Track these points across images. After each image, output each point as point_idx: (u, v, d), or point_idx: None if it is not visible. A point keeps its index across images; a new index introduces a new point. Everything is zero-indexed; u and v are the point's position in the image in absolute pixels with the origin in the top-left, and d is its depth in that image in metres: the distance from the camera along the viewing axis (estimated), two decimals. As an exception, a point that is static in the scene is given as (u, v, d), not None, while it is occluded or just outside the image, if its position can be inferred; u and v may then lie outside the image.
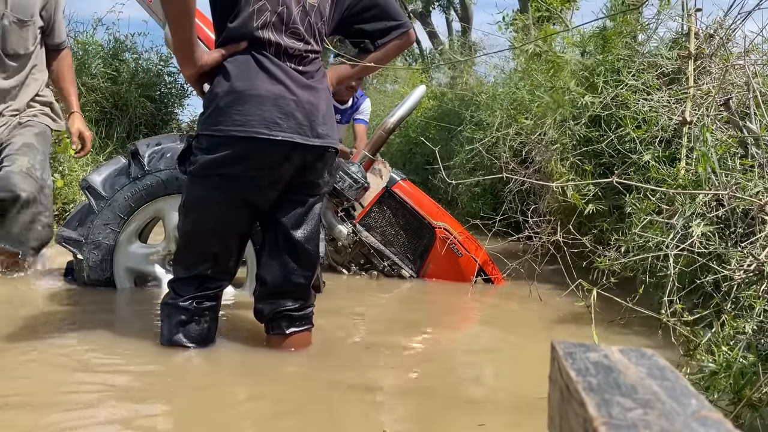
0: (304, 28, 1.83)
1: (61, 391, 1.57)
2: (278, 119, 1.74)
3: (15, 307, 2.35)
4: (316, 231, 1.94)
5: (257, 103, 1.73)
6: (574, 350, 0.62)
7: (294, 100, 1.77)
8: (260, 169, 1.78)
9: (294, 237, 1.89)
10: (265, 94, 1.74)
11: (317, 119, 1.82)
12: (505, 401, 1.68)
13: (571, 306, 2.71)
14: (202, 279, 1.87)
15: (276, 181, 1.82)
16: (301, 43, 1.82)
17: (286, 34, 1.80)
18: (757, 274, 1.84)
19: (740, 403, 1.45)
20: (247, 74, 1.75)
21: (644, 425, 0.45)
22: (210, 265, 1.86)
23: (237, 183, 1.79)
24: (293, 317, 1.93)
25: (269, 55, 1.78)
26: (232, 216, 1.83)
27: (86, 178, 2.70)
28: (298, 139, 1.77)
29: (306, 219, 1.91)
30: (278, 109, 1.74)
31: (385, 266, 3.37)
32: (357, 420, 1.53)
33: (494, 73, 5.94)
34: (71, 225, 2.68)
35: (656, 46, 3.35)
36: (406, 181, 3.49)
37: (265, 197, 1.85)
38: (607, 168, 3.14)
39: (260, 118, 1.72)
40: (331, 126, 1.88)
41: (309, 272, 1.94)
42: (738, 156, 2.26)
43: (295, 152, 1.79)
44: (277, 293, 1.92)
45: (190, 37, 1.71)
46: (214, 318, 1.93)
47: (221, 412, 1.51)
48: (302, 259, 1.91)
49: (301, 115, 1.78)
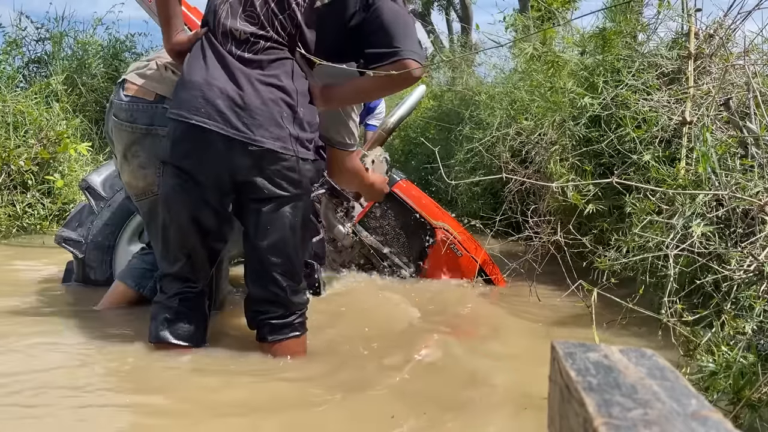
0: (263, 14, 1.80)
1: (57, 390, 1.57)
2: (199, 104, 1.73)
3: (15, 307, 2.35)
4: (284, 241, 1.83)
5: (189, 87, 1.77)
6: (574, 350, 0.62)
7: (220, 87, 1.74)
8: (188, 156, 1.76)
9: (259, 247, 1.83)
10: (197, 79, 1.76)
11: (245, 111, 1.72)
12: (505, 401, 1.68)
13: (571, 306, 2.71)
14: (183, 277, 1.87)
15: (209, 172, 1.76)
16: (255, 27, 1.79)
17: (240, 17, 1.80)
18: (757, 274, 1.84)
19: (740, 403, 1.45)
20: (192, 59, 1.81)
21: (644, 425, 0.45)
22: (185, 264, 1.86)
23: (183, 173, 1.78)
24: (274, 325, 1.88)
25: (214, 41, 1.80)
26: (191, 209, 1.81)
27: (86, 178, 2.70)
28: (211, 126, 1.71)
29: (268, 229, 1.81)
30: (202, 95, 1.74)
31: (384, 266, 3.37)
32: (358, 420, 1.53)
33: (494, 73, 5.95)
34: (71, 225, 2.68)
35: (656, 46, 3.35)
36: (406, 181, 3.49)
37: (210, 190, 1.79)
38: (607, 168, 3.13)
39: (186, 102, 1.75)
40: (266, 123, 1.74)
41: (285, 282, 1.86)
42: (738, 156, 2.26)
43: (216, 142, 1.72)
44: (256, 301, 1.90)
45: (167, 15, 1.85)
46: (202, 317, 1.91)
47: (217, 413, 1.51)
48: (273, 269, 1.84)
49: (223, 103, 1.72)
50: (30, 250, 3.96)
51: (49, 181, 4.65)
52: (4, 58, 6.17)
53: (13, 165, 4.49)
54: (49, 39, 6.79)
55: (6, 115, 4.74)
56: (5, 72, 5.96)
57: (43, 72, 6.68)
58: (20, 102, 4.93)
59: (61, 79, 6.02)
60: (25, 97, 5.18)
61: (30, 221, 4.48)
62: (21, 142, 4.69)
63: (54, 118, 5.02)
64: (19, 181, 4.57)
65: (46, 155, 4.64)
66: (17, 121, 4.76)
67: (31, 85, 5.98)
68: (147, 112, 1.99)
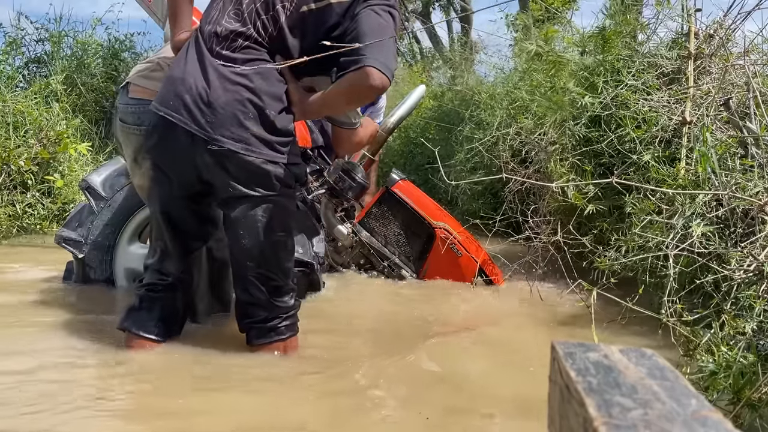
0: (247, 12, 1.81)
1: (57, 390, 1.57)
2: (170, 98, 1.76)
3: (15, 307, 2.35)
4: (257, 245, 1.80)
5: (167, 82, 1.81)
6: (574, 350, 0.61)
7: (190, 83, 1.75)
8: (158, 149, 1.81)
9: (233, 250, 1.84)
10: (175, 74, 1.81)
11: (209, 109, 1.71)
12: (505, 401, 1.68)
13: (571, 306, 2.71)
14: (156, 269, 1.90)
15: (176, 166, 1.78)
16: (237, 24, 1.80)
17: (228, 15, 1.82)
18: (757, 274, 1.84)
19: (740, 403, 1.44)
20: (178, 56, 1.86)
21: (644, 425, 0.45)
22: (159, 256, 1.89)
23: (156, 166, 1.83)
24: (259, 329, 1.88)
25: (200, 38, 1.83)
26: (163, 203, 1.85)
27: (86, 178, 2.70)
28: (175, 119, 1.72)
29: (240, 233, 1.79)
30: (174, 89, 1.77)
31: (384, 266, 3.37)
32: (358, 420, 1.53)
33: (494, 73, 5.95)
34: (71, 225, 2.68)
35: (656, 46, 3.35)
36: (406, 181, 3.49)
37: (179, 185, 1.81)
38: (607, 168, 3.13)
39: (161, 95, 1.79)
40: (229, 123, 1.71)
41: (263, 286, 1.83)
42: (738, 156, 2.26)
43: (181, 136, 1.73)
44: (241, 304, 1.90)
45: (174, 13, 1.91)
46: (173, 308, 1.91)
47: (213, 412, 1.51)
48: (249, 272, 1.83)
49: (190, 98, 1.73)
50: (30, 250, 3.96)
51: (49, 181, 4.65)
52: (3, 58, 6.16)
53: (13, 165, 4.49)
54: (49, 39, 6.78)
55: (6, 115, 4.73)
56: (5, 72, 5.95)
57: (43, 72, 6.68)
58: (20, 102, 4.93)
59: (61, 79, 6.02)
60: (25, 97, 5.18)
61: (30, 221, 4.48)
62: (21, 142, 4.69)
63: (54, 118, 5.02)
64: (19, 181, 4.57)
65: (46, 155, 4.64)
66: (17, 121, 4.76)
67: (30, 85, 5.97)
68: None
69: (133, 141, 2.02)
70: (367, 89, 1.69)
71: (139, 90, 2.03)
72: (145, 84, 2.03)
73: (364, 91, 1.72)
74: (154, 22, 4.70)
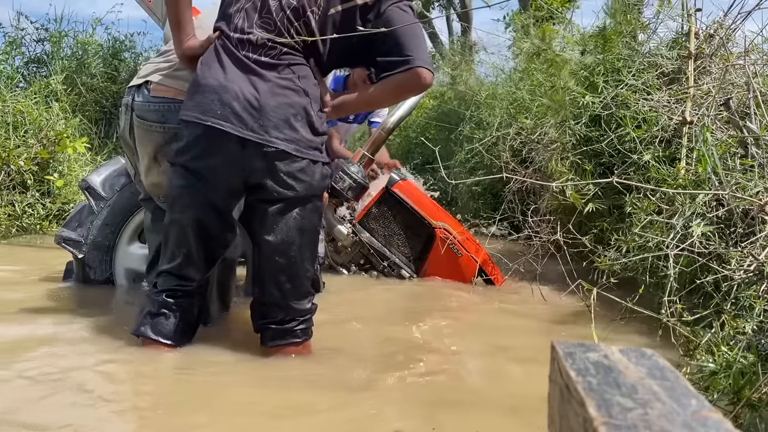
0: (279, 20, 1.82)
1: (56, 389, 1.57)
2: (214, 106, 1.75)
3: (15, 307, 2.35)
4: (289, 242, 1.82)
5: (203, 90, 1.78)
6: (574, 350, 0.61)
7: (236, 89, 1.76)
8: (201, 158, 1.78)
9: (264, 247, 1.84)
10: (212, 82, 1.78)
11: (260, 113, 1.75)
12: (506, 401, 1.67)
13: (571, 306, 2.71)
14: (178, 274, 1.88)
15: (221, 174, 1.78)
16: (272, 33, 1.81)
17: (257, 24, 1.82)
18: (757, 274, 1.84)
19: (740, 403, 1.44)
20: (206, 63, 1.83)
21: (644, 425, 0.45)
22: (182, 261, 1.87)
23: (192, 174, 1.79)
24: (275, 330, 1.88)
25: (230, 45, 1.82)
26: (195, 211, 1.82)
27: (86, 178, 2.70)
28: (227, 128, 1.73)
29: (275, 229, 1.82)
30: (217, 97, 1.76)
31: (384, 266, 3.37)
32: (359, 421, 1.53)
33: (494, 73, 5.95)
34: (71, 225, 2.68)
35: (656, 46, 3.35)
36: (405, 181, 3.49)
37: (218, 192, 1.81)
38: (607, 168, 3.13)
39: (201, 104, 1.77)
40: (281, 125, 1.76)
41: (287, 285, 1.85)
42: (738, 156, 2.26)
43: (231, 143, 1.75)
44: (258, 304, 1.91)
45: (178, 21, 1.87)
46: (190, 314, 1.91)
47: (217, 414, 1.51)
48: (276, 270, 1.84)
49: (239, 105, 1.75)
50: (30, 250, 3.96)
51: (48, 181, 4.65)
52: (3, 58, 6.17)
53: (12, 165, 4.49)
54: (49, 39, 6.79)
55: (6, 115, 4.74)
56: (5, 72, 5.96)
57: (43, 72, 6.68)
58: (20, 102, 4.93)
59: (61, 79, 6.03)
60: (25, 97, 5.18)
61: (30, 221, 4.48)
62: (21, 142, 4.69)
63: (53, 117, 5.02)
64: (19, 181, 4.57)
65: (46, 155, 4.64)
66: (17, 121, 4.76)
67: (30, 85, 5.97)
68: (179, 111, 1.98)
69: (154, 138, 2.02)
70: (420, 88, 1.88)
71: (162, 89, 2.03)
72: (170, 83, 2.02)
73: (416, 91, 1.92)
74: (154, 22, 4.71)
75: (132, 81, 2.13)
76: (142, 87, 2.06)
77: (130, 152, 2.20)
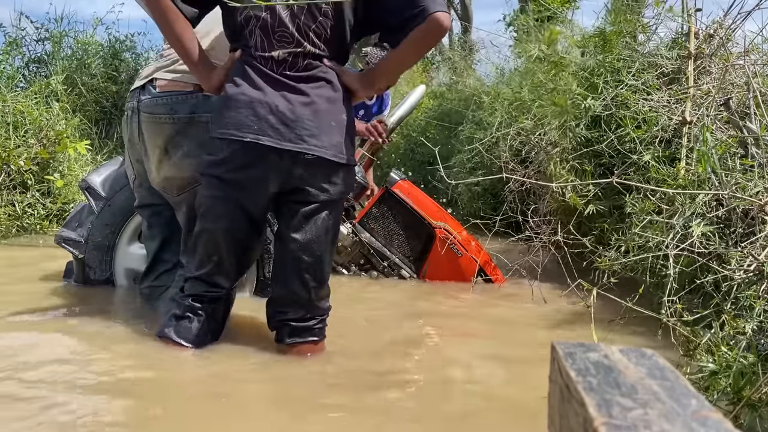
0: (295, 29, 1.82)
1: (56, 389, 1.57)
2: (250, 122, 1.78)
3: (15, 307, 2.35)
4: (317, 241, 1.87)
5: (236, 106, 1.80)
6: (574, 350, 0.62)
7: (269, 104, 1.79)
8: (239, 170, 1.81)
9: (292, 244, 1.87)
10: (243, 98, 1.80)
11: (296, 124, 1.79)
12: (506, 401, 1.68)
13: (571, 306, 2.71)
14: (206, 281, 1.90)
15: (258, 185, 1.82)
16: (291, 46, 1.82)
17: (274, 39, 1.82)
18: (757, 274, 1.84)
19: (740, 403, 1.44)
20: (235, 81, 1.84)
21: (644, 425, 0.45)
22: (212, 268, 1.89)
23: (227, 185, 1.82)
24: (294, 327, 1.91)
25: (254, 62, 1.83)
26: (228, 220, 1.85)
27: (86, 178, 2.70)
28: (266, 141, 1.77)
29: (304, 227, 1.86)
30: (252, 112, 1.79)
31: (384, 266, 3.37)
32: (360, 421, 1.53)
33: (494, 73, 5.95)
34: (71, 225, 2.68)
35: (656, 46, 3.35)
36: (405, 181, 3.49)
37: (254, 202, 1.84)
38: (607, 168, 3.13)
39: (236, 120, 1.79)
40: (317, 133, 1.81)
41: (312, 282, 1.89)
42: (738, 156, 2.26)
43: (269, 155, 1.78)
44: (279, 301, 1.93)
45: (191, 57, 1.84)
46: (214, 320, 1.93)
47: (225, 414, 1.51)
48: (302, 267, 1.87)
49: (274, 118, 1.78)
50: (30, 250, 3.96)
51: (48, 181, 4.65)
52: (4, 58, 6.17)
53: (13, 165, 4.49)
54: (49, 39, 6.79)
55: (6, 115, 4.73)
56: (5, 72, 5.95)
57: (43, 72, 6.68)
58: (20, 102, 4.93)
59: (61, 79, 6.03)
60: (25, 97, 5.18)
61: (30, 221, 4.48)
62: (21, 142, 4.69)
63: (54, 117, 5.01)
64: (19, 181, 4.57)
65: (46, 155, 4.64)
66: (17, 121, 4.76)
67: (31, 85, 5.97)
68: (187, 102, 2.06)
69: (164, 131, 2.07)
70: (441, 34, 1.81)
71: (167, 84, 2.09)
72: (172, 77, 2.08)
73: (438, 38, 1.84)
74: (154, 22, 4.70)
75: (134, 84, 2.17)
76: (147, 86, 2.11)
77: (136, 157, 2.23)
